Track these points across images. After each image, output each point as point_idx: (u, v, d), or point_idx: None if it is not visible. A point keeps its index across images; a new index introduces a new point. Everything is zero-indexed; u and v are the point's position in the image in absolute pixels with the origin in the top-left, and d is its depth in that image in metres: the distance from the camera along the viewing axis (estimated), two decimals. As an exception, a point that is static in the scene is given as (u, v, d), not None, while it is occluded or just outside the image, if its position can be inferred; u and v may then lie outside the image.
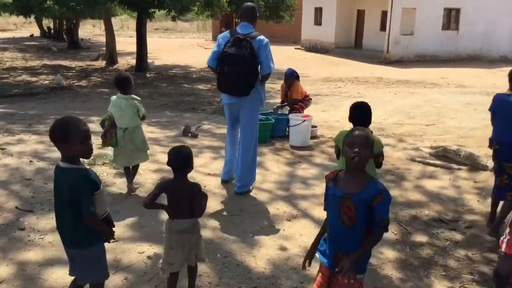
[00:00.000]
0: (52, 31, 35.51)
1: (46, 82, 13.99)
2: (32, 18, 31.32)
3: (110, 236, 2.74)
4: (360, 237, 2.45)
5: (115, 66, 18.96)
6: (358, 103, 3.80)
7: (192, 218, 3.14)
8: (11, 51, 23.81)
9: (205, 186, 5.38)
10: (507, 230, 2.28)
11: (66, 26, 28.93)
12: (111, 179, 5.34)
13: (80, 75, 16.17)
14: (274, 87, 12.64)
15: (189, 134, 7.74)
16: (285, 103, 8.42)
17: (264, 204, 5.06)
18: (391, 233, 4.54)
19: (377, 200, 2.38)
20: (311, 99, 8.53)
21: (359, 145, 2.41)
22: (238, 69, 4.83)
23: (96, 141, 6.77)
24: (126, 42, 31.88)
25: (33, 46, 26.64)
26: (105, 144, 4.97)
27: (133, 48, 28.27)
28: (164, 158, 3.46)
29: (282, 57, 24.56)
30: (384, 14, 23.63)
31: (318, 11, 28.58)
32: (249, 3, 5.31)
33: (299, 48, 29.78)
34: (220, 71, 4.94)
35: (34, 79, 14.61)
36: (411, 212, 5.05)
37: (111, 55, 19.68)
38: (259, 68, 4.98)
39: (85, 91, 12.71)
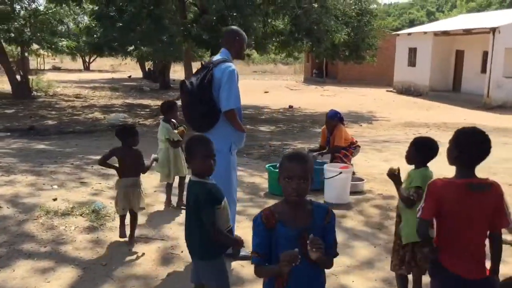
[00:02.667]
0: (152, 72, 37.20)
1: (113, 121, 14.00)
2: (129, 60, 33.22)
3: (238, 244, 2.89)
4: (322, 270, 2.35)
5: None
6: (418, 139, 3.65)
7: (135, 177, 4.39)
8: (103, 90, 24.95)
9: (182, 251, 4.35)
10: (424, 197, 2.56)
11: (159, 68, 29.97)
12: (74, 234, 4.50)
13: (151, 114, 16.13)
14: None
15: (210, 182, 6.80)
16: (324, 150, 7.20)
17: (243, 284, 3.90)
18: None
19: (328, 218, 2.27)
20: (359, 146, 7.22)
21: (298, 178, 2.16)
22: (183, 98, 4.17)
23: (97, 185, 6.17)
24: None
25: (127, 86, 27.81)
26: None
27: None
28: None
29: (369, 100, 23.16)
30: (486, 54, 21.33)
31: (412, 52, 26.76)
32: (229, 27, 4.44)
33: (390, 91, 28.01)
34: None
35: (104, 116, 14.76)
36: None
37: (189, 95, 19.62)
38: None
39: (143, 130, 12.39)
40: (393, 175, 3.53)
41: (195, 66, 27.09)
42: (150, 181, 6.16)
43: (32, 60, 40.55)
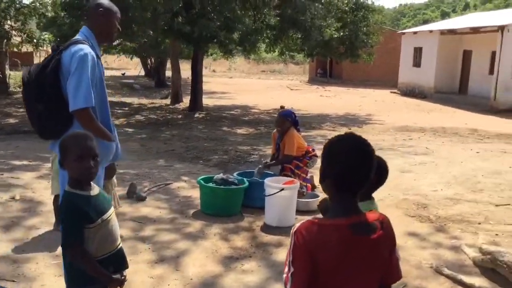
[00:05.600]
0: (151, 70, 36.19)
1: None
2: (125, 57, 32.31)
3: (111, 283, 2.30)
4: None
5: (177, 105, 17.83)
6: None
7: None
8: (92, 87, 24.07)
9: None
10: (289, 258, 1.63)
11: (155, 65, 29.10)
12: None
13: (128, 113, 15.15)
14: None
15: (134, 196, 5.73)
16: (273, 160, 6.09)
17: None
18: None
19: None
20: (316, 156, 6.07)
21: None
22: (22, 93, 3.22)
23: None
24: (218, 82, 31.48)
25: (123, 84, 26.94)
26: None
27: (220, 88, 27.74)
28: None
29: (369, 101, 21.91)
30: (494, 55, 19.96)
31: (418, 52, 25.42)
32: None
33: (394, 92, 26.69)
34: None
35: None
36: None
37: (176, 93, 18.65)
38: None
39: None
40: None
41: (186, 64, 26.03)
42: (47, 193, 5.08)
43: (41, 56, 40.06)
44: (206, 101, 18.84)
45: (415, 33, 26.16)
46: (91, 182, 2.32)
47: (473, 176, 7.30)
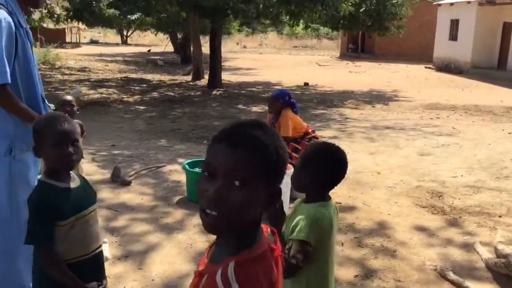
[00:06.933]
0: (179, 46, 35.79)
1: (96, 96, 12.76)
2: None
3: None
4: None
5: (198, 81, 17.38)
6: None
7: None
8: (117, 63, 23.93)
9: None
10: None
11: (181, 41, 28.65)
12: None
13: (145, 90, 14.80)
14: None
15: (118, 180, 5.31)
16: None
17: None
18: None
19: None
20: (316, 137, 5.49)
21: None
22: None
23: None
24: (247, 58, 30.84)
25: (147, 60, 26.70)
26: None
27: (247, 64, 27.11)
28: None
29: (400, 77, 20.85)
30: (537, 26, 18.57)
31: (454, 24, 23.99)
32: None
33: (429, 67, 25.39)
34: None
35: (89, 92, 13.53)
36: None
37: (197, 70, 18.16)
38: None
39: (117, 108, 11.09)
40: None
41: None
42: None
43: (73, 33, 40.54)
44: (230, 77, 18.33)
45: (451, 4, 24.64)
46: (72, 173, 2.08)
47: (500, 160, 6.55)
